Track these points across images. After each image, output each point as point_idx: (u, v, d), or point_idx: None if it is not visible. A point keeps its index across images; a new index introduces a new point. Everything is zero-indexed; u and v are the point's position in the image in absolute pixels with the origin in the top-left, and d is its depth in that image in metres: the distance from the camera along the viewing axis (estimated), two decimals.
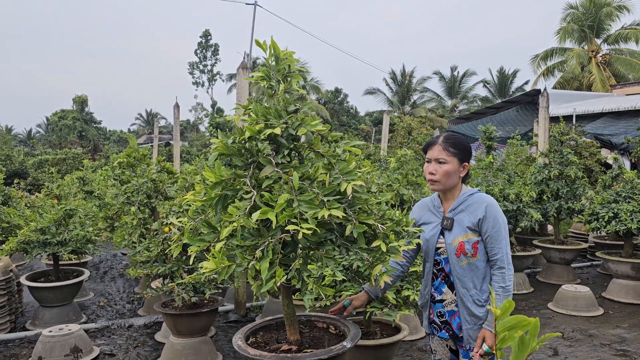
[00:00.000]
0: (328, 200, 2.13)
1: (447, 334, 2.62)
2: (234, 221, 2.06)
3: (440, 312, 2.63)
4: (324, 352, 2.35)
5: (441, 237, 2.59)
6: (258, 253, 2.10)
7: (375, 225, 2.23)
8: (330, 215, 2.08)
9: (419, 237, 2.45)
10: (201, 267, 2.14)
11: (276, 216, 2.03)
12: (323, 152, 2.29)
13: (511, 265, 2.50)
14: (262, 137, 2.22)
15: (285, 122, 2.27)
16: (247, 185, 2.17)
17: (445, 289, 2.60)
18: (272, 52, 2.39)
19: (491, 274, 2.52)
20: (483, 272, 2.52)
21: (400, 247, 2.24)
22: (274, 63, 2.44)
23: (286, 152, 2.30)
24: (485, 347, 2.36)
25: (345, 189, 2.15)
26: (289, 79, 2.43)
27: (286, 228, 2.06)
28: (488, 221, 2.48)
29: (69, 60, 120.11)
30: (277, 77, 2.39)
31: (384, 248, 2.17)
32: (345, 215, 2.14)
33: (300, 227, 2.02)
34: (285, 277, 2.13)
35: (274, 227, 2.12)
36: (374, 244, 2.20)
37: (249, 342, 2.57)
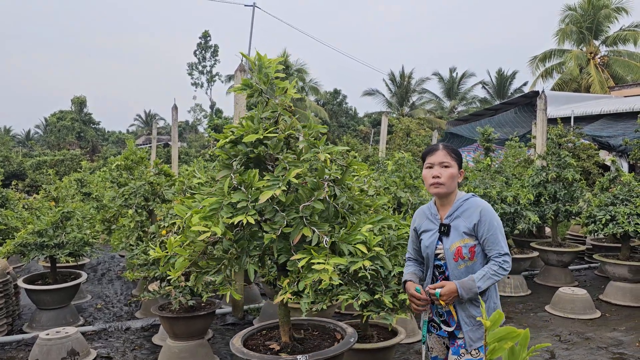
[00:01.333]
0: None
1: (446, 333, 2.69)
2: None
3: (438, 312, 2.71)
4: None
5: (440, 243, 2.67)
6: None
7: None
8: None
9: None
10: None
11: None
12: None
13: (509, 262, 2.56)
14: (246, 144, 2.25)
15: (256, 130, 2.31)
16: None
17: None
18: (257, 63, 2.41)
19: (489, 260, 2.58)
20: None
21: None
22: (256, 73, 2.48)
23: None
24: (437, 291, 2.49)
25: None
26: (274, 87, 2.45)
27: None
28: (483, 225, 2.56)
29: (68, 61, 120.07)
30: (260, 87, 2.41)
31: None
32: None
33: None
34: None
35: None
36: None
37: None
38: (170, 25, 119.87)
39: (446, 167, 2.61)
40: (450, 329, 2.65)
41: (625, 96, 19.25)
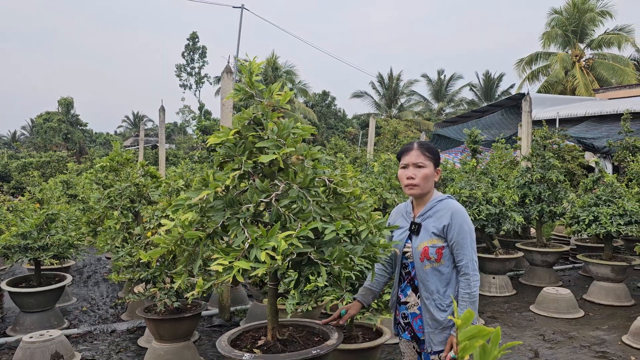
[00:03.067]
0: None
1: (409, 335, 2.68)
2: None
3: (404, 314, 2.69)
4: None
5: (409, 241, 2.64)
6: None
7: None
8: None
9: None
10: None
11: None
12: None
13: (477, 271, 2.53)
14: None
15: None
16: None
17: (409, 291, 2.65)
18: (248, 67, 2.42)
19: (457, 280, 2.56)
20: (447, 278, 2.54)
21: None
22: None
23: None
24: (452, 354, 2.41)
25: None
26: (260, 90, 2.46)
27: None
28: (453, 228, 2.52)
29: (55, 62, 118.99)
30: (252, 91, 2.42)
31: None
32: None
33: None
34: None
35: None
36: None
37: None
38: (158, 28, 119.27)
39: (420, 167, 2.56)
40: (412, 333, 2.65)
41: (610, 98, 19.51)
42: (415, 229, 2.61)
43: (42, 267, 6.28)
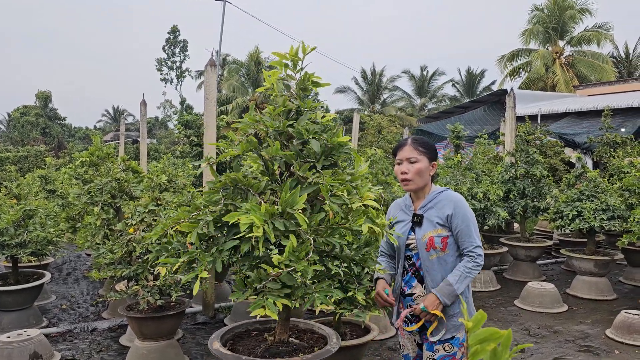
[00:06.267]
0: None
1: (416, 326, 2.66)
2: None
3: (410, 305, 2.68)
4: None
5: (412, 233, 2.67)
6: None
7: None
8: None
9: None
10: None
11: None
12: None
13: (482, 256, 2.59)
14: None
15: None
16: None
17: (415, 282, 2.68)
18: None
19: (462, 259, 2.59)
20: (452, 267, 2.59)
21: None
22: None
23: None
24: (421, 305, 2.48)
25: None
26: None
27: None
28: (457, 217, 2.57)
29: (31, 55, 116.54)
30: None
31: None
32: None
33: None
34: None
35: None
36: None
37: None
38: (139, 20, 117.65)
39: (413, 162, 2.60)
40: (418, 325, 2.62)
41: (590, 95, 19.77)
42: (418, 220, 2.64)
43: (19, 265, 6.10)
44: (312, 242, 2.22)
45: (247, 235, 2.07)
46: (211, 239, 2.38)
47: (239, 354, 2.44)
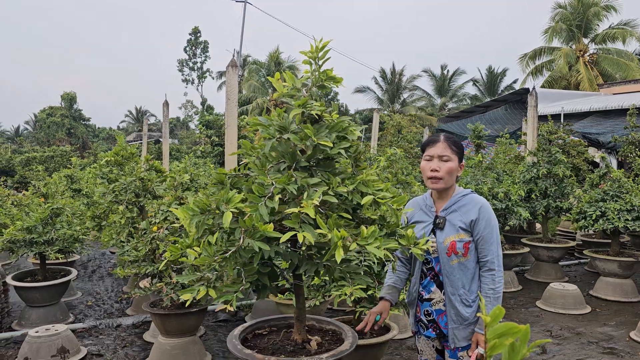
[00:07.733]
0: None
1: (434, 332, 2.62)
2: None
3: (427, 310, 2.62)
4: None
5: (432, 236, 2.56)
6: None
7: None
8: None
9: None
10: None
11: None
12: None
13: (502, 267, 2.50)
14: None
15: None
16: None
17: (433, 287, 2.59)
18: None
19: (480, 275, 2.52)
20: (472, 273, 2.51)
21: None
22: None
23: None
24: (480, 349, 2.38)
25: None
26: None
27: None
28: (481, 223, 2.48)
29: (58, 57, 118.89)
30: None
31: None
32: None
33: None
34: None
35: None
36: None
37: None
38: (161, 22, 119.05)
39: (445, 160, 2.49)
40: (438, 330, 2.59)
41: (614, 93, 19.41)
42: (440, 224, 2.54)
43: (47, 262, 6.27)
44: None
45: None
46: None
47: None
